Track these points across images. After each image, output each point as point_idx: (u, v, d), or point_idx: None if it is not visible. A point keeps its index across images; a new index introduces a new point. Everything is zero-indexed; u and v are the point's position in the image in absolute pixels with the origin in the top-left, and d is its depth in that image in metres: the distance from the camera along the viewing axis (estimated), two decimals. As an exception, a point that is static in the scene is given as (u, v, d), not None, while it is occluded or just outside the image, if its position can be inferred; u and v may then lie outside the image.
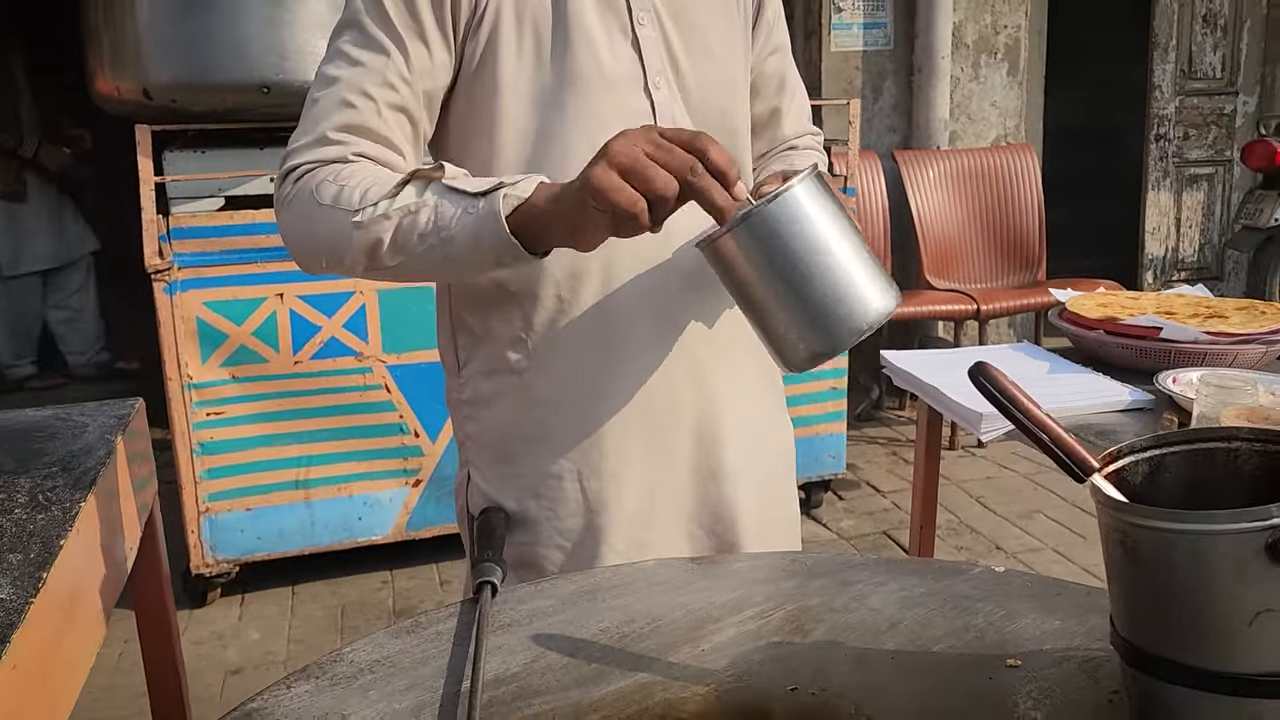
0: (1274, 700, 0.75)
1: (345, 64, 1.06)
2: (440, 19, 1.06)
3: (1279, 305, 1.76)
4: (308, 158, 1.05)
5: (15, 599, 0.95)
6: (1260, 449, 0.84)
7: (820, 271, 0.91)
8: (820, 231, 0.91)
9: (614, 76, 1.09)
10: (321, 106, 1.07)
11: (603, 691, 0.92)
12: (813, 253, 0.91)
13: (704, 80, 1.14)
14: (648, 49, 1.10)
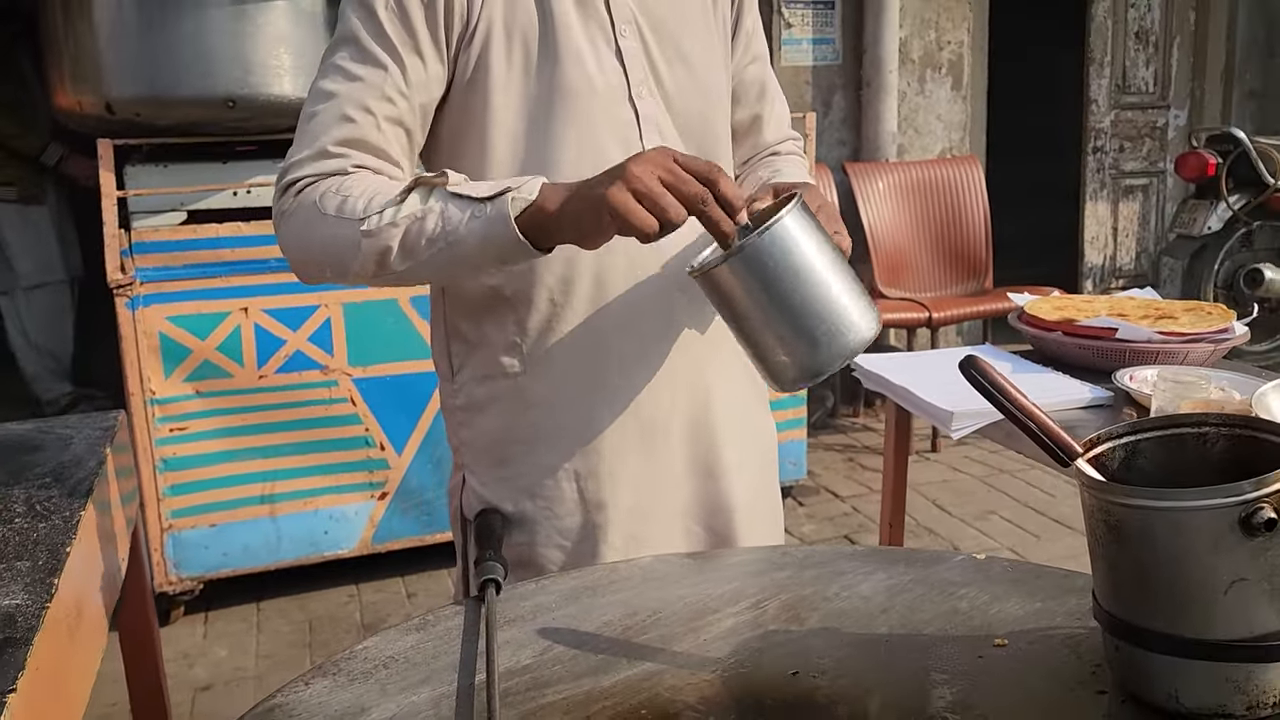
0: (1247, 664, 0.81)
1: (343, 79, 1.09)
2: (434, 33, 1.09)
3: (1224, 307, 1.85)
4: (308, 171, 1.08)
5: (31, 605, 0.96)
6: (1228, 433, 0.91)
7: (809, 298, 0.96)
8: (808, 260, 0.96)
9: (600, 87, 1.13)
10: (320, 121, 1.09)
11: (612, 680, 0.96)
12: (802, 280, 0.96)
13: (685, 89, 1.19)
14: (630, 60, 1.14)
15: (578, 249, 1.08)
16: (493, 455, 1.24)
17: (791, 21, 4.30)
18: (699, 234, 1.16)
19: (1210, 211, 4.46)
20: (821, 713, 0.88)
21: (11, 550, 1.08)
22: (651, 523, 1.24)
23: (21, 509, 1.19)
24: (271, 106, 2.55)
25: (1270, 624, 0.80)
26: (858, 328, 0.98)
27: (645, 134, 1.15)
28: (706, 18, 1.23)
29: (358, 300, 2.69)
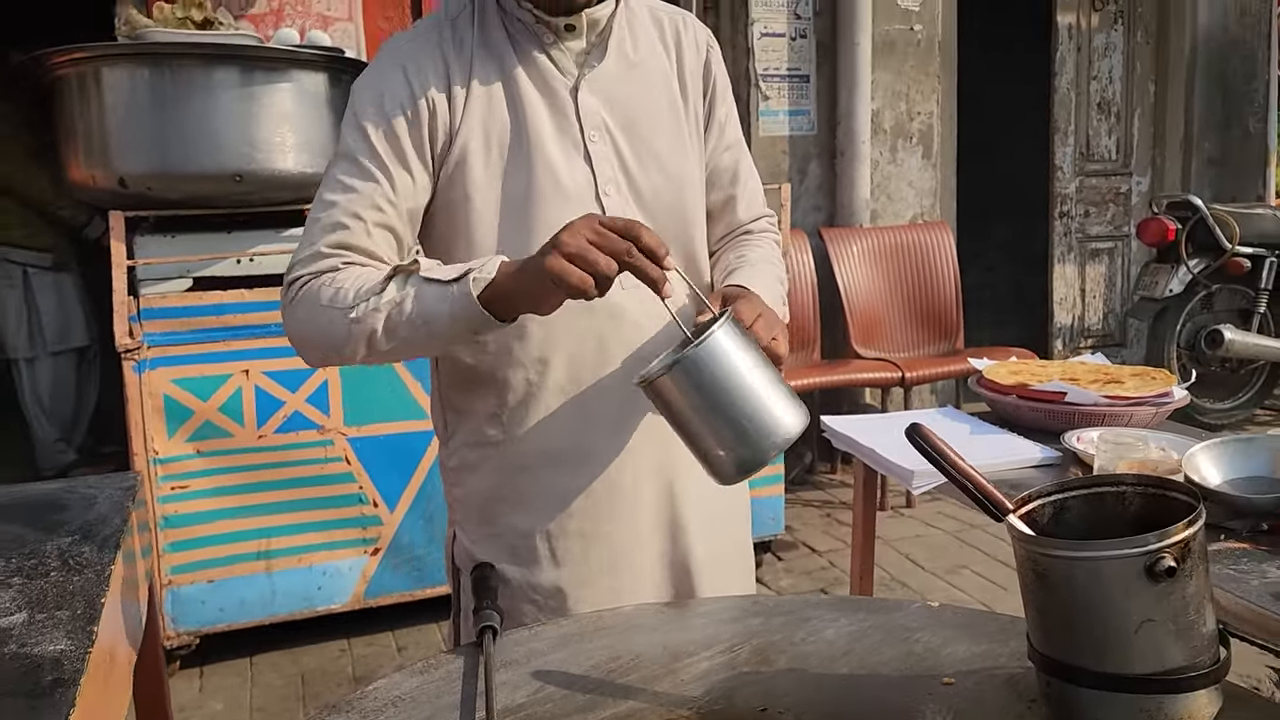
0: (1158, 696, 0.92)
1: (339, 190, 1.22)
2: (419, 149, 1.23)
3: (1168, 372, 1.99)
4: (307, 270, 1.21)
5: (75, 650, 1.06)
6: (1143, 491, 1.03)
7: (739, 402, 1.09)
8: (738, 369, 1.08)
9: (568, 188, 1.25)
10: (319, 226, 1.22)
11: (598, 717, 1.06)
12: (733, 387, 1.08)
13: (656, 185, 1.30)
14: (598, 162, 1.26)
15: (549, 335, 1.25)
16: (481, 514, 1.36)
17: (768, 94, 4.49)
18: (659, 326, 1.30)
19: (1171, 275, 4.63)
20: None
21: (51, 601, 1.18)
22: (620, 577, 1.35)
23: (56, 563, 1.29)
24: (275, 180, 2.69)
25: (1177, 659, 0.92)
26: (784, 425, 1.10)
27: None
28: (677, 115, 1.34)
29: (354, 363, 2.80)
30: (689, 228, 1.35)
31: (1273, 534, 1.39)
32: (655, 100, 1.32)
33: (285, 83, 2.67)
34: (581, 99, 1.26)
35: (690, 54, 1.36)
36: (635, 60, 1.30)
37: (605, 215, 1.10)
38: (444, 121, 1.23)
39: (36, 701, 0.95)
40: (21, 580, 1.24)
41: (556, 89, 1.26)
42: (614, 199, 1.27)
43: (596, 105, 1.27)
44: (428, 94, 1.22)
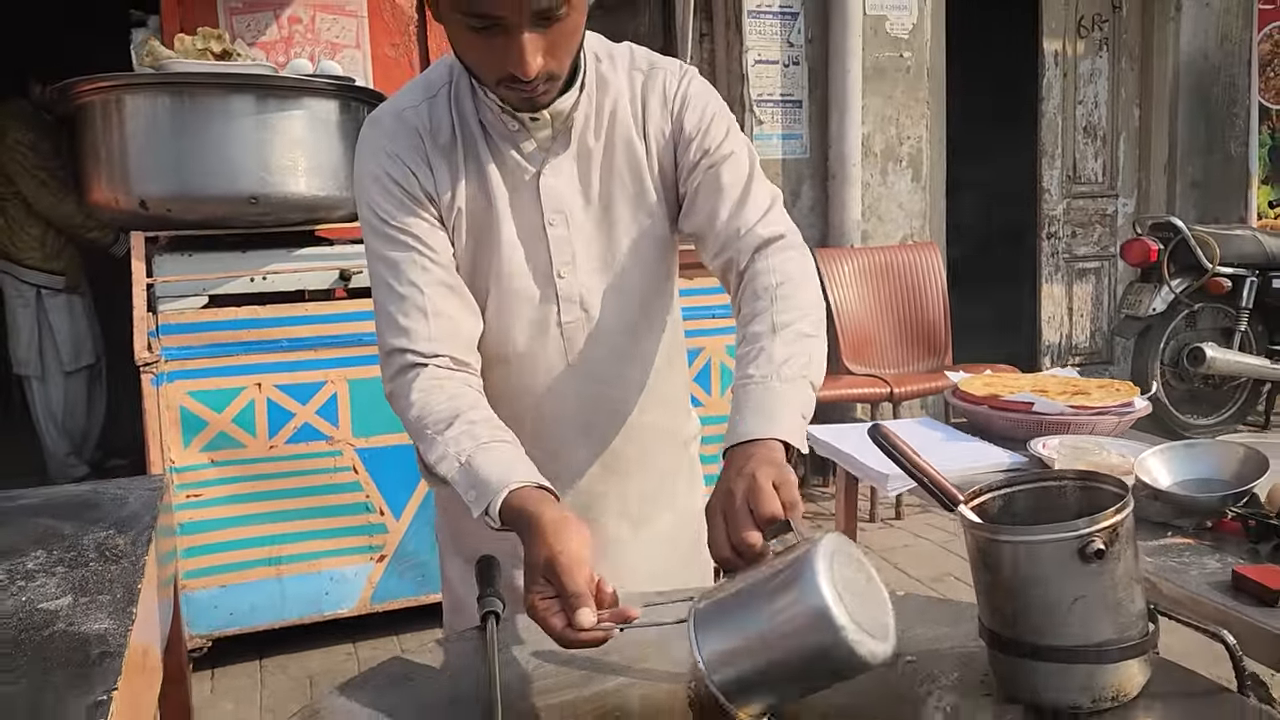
0: (1089, 666, 1.04)
1: (383, 265, 1.33)
2: (425, 208, 1.33)
3: (1131, 384, 2.11)
4: (390, 375, 1.32)
5: (117, 629, 1.17)
6: (1081, 485, 1.15)
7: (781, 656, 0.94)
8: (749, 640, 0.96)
9: (527, 269, 1.36)
10: (382, 311, 1.34)
11: (593, 690, 1.18)
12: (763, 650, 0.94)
13: (613, 254, 1.39)
14: (556, 244, 1.36)
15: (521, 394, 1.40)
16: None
17: (762, 119, 4.63)
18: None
19: (1155, 294, 4.75)
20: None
21: (93, 587, 1.29)
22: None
23: (94, 554, 1.41)
24: (289, 203, 2.83)
25: (1106, 633, 1.03)
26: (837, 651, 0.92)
27: (563, 309, 1.38)
28: (640, 179, 1.38)
29: (362, 377, 2.92)
30: (653, 278, 1.44)
31: (1215, 530, 1.51)
32: (617, 176, 1.38)
33: (298, 110, 2.81)
34: (544, 185, 1.35)
35: (656, 106, 1.38)
36: (597, 145, 1.37)
37: (560, 570, 1.08)
38: (432, 192, 1.34)
39: (87, 671, 1.06)
40: (64, 569, 1.35)
41: (521, 176, 1.35)
42: (568, 279, 1.37)
43: (558, 190, 1.36)
44: (417, 175, 1.33)
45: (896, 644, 0.97)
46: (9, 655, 1.09)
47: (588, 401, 1.43)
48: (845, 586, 0.94)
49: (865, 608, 0.95)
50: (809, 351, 1.24)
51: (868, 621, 0.93)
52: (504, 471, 1.19)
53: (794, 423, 1.18)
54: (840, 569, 0.95)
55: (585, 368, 1.41)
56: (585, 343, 1.40)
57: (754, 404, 1.20)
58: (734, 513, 1.07)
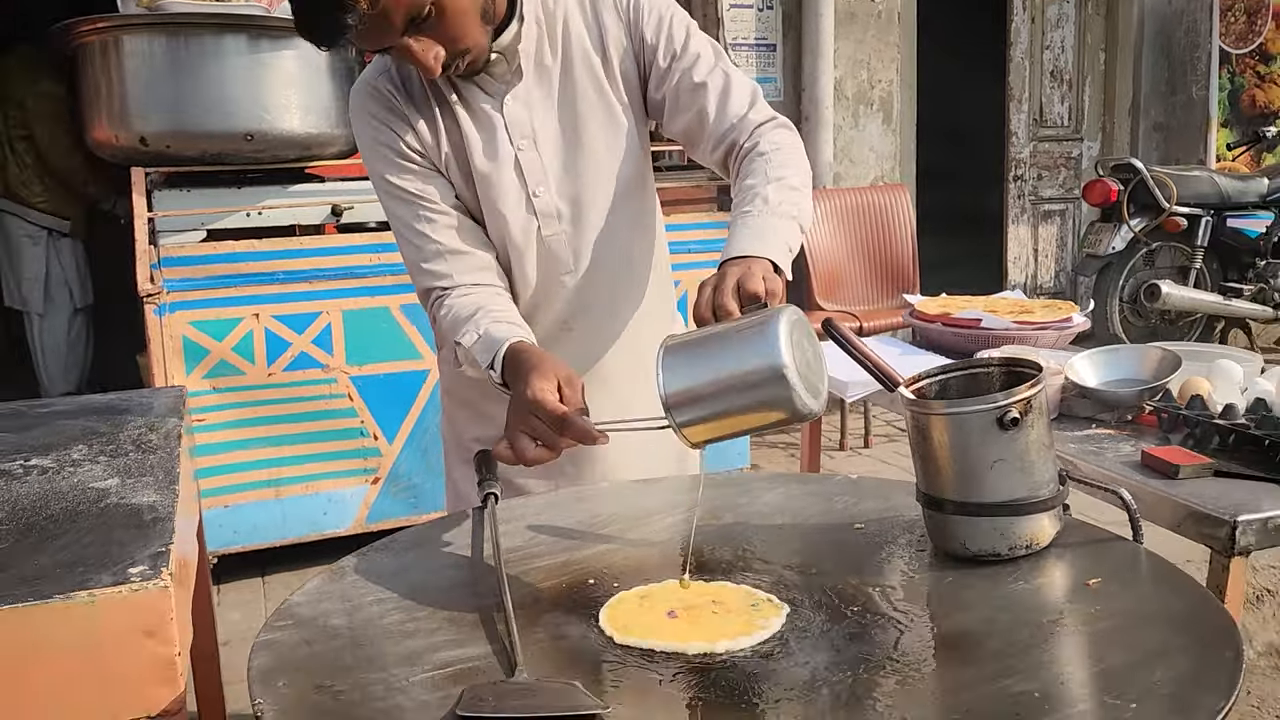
0: (1006, 518, 1.21)
1: (396, 212, 1.50)
2: (413, 157, 1.48)
3: (1073, 303, 2.29)
4: (427, 303, 1.51)
5: (163, 500, 1.33)
6: (1005, 369, 1.32)
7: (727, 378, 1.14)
8: (704, 372, 1.14)
9: (504, 195, 1.49)
10: (406, 255, 1.52)
11: (583, 553, 1.35)
12: (714, 379, 1.14)
13: (588, 168, 1.51)
14: (528, 168, 1.49)
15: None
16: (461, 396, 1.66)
17: (737, 62, 4.75)
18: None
19: (1114, 233, 4.93)
20: (729, 564, 1.27)
21: (135, 471, 1.45)
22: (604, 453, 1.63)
23: (131, 448, 1.56)
24: (283, 140, 2.95)
25: (1020, 491, 1.21)
26: (769, 362, 1.11)
27: (543, 225, 1.52)
28: (602, 91, 1.49)
29: (355, 308, 3.07)
30: (632, 193, 1.57)
31: (1135, 423, 1.70)
32: (580, 91, 1.48)
33: (290, 50, 2.92)
34: (508, 113, 1.48)
35: (610, 20, 1.48)
36: (552, 64, 1.47)
37: (540, 400, 1.24)
38: (416, 145, 1.48)
39: (145, 530, 1.22)
40: (106, 458, 1.51)
41: (486, 109, 1.48)
42: (543, 197, 1.51)
43: (522, 115, 1.48)
44: (399, 133, 1.47)
45: (823, 408, 1.18)
46: (73, 520, 1.25)
47: (577, 311, 1.58)
48: (798, 348, 1.14)
49: (809, 370, 1.15)
50: (798, 200, 1.40)
51: (809, 381, 1.14)
52: (510, 333, 1.38)
53: (781, 248, 1.35)
54: (798, 334, 1.15)
55: (571, 278, 1.56)
56: (568, 254, 1.54)
57: (749, 229, 1.34)
58: (723, 284, 1.23)
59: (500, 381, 1.37)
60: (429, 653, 1.06)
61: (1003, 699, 0.92)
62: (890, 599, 1.15)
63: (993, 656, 1.01)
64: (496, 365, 1.36)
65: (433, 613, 1.16)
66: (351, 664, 1.04)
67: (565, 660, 1.05)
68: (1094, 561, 1.21)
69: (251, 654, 1.06)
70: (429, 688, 0.99)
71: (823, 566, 1.24)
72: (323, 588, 1.24)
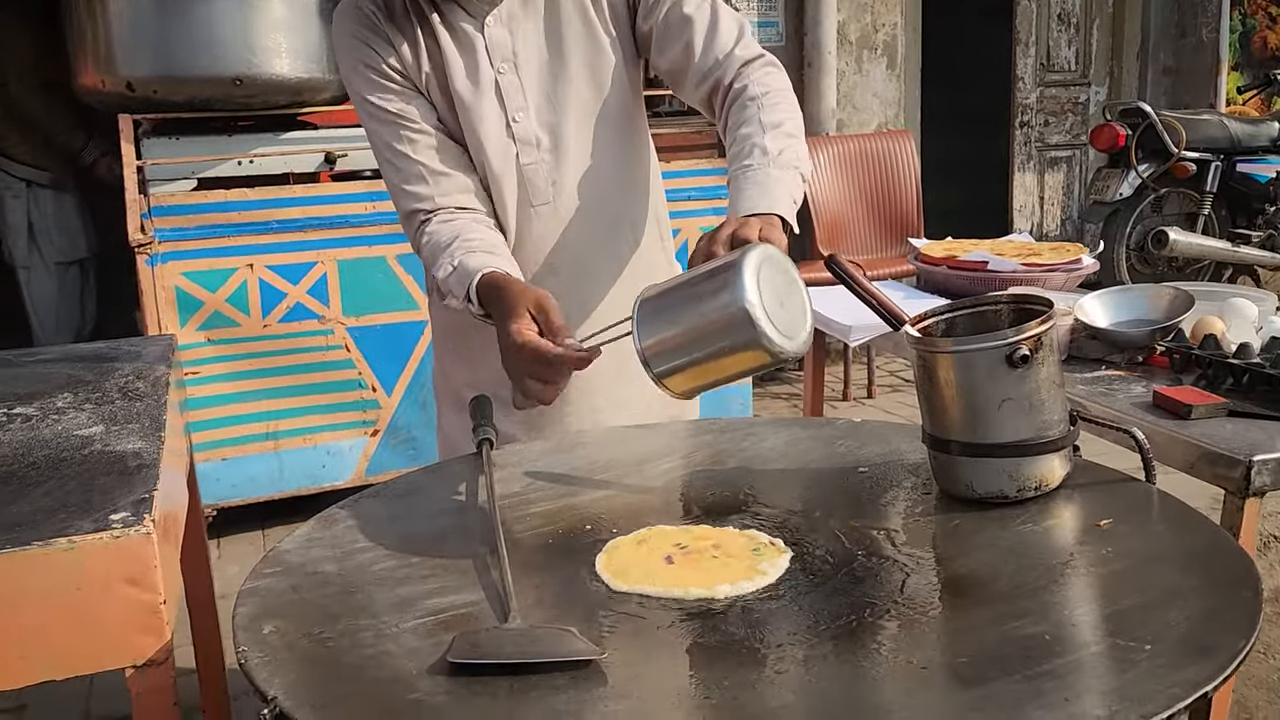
0: (1014, 459, 1.18)
1: (377, 134, 1.47)
2: (394, 79, 1.45)
3: (1080, 245, 2.24)
4: (410, 231, 1.48)
5: (149, 448, 1.30)
6: (1015, 307, 1.28)
7: (697, 320, 1.12)
8: (678, 313, 1.13)
9: (483, 120, 1.45)
10: (389, 180, 1.49)
11: (580, 499, 1.32)
12: (686, 321, 1.12)
13: (570, 96, 1.47)
14: (508, 92, 1.46)
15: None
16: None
17: (738, 7, 4.65)
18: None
19: (1122, 179, 4.86)
20: (731, 508, 1.24)
21: (121, 418, 1.41)
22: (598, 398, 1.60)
23: (118, 395, 1.53)
24: (272, 84, 2.88)
25: (1027, 431, 1.17)
26: (737, 302, 1.08)
27: (521, 153, 1.47)
28: (587, 17, 1.46)
29: (351, 257, 3.02)
30: (619, 130, 1.52)
31: (1145, 364, 1.66)
32: (565, 19, 1.45)
33: (279, -9, 2.85)
34: (489, 35, 1.44)
35: None
36: None
37: (521, 343, 1.23)
38: (399, 67, 1.45)
39: (129, 477, 1.19)
40: (92, 406, 1.47)
41: (467, 30, 1.44)
42: (522, 124, 1.47)
43: (504, 39, 1.45)
44: (381, 54, 1.43)
45: (804, 349, 1.14)
46: (55, 468, 1.22)
47: (559, 250, 1.52)
48: (768, 284, 1.09)
49: (784, 310, 1.11)
50: (797, 148, 1.38)
51: (781, 320, 1.09)
52: (483, 264, 1.35)
53: (788, 204, 1.32)
54: (768, 271, 1.10)
55: (548, 210, 1.51)
56: (546, 184, 1.49)
57: (753, 185, 1.31)
58: (717, 233, 1.20)
59: (481, 313, 1.34)
60: (421, 599, 1.04)
61: (1011, 641, 0.89)
62: (895, 542, 1.12)
63: (1001, 599, 0.98)
64: (473, 298, 1.34)
65: (425, 559, 1.13)
66: (341, 611, 1.02)
67: (560, 606, 1.03)
68: (1105, 503, 1.18)
69: (237, 600, 1.04)
70: (420, 635, 0.96)
71: (826, 510, 1.22)
72: (312, 535, 1.22)
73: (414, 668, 0.90)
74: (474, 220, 1.44)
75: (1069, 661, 0.84)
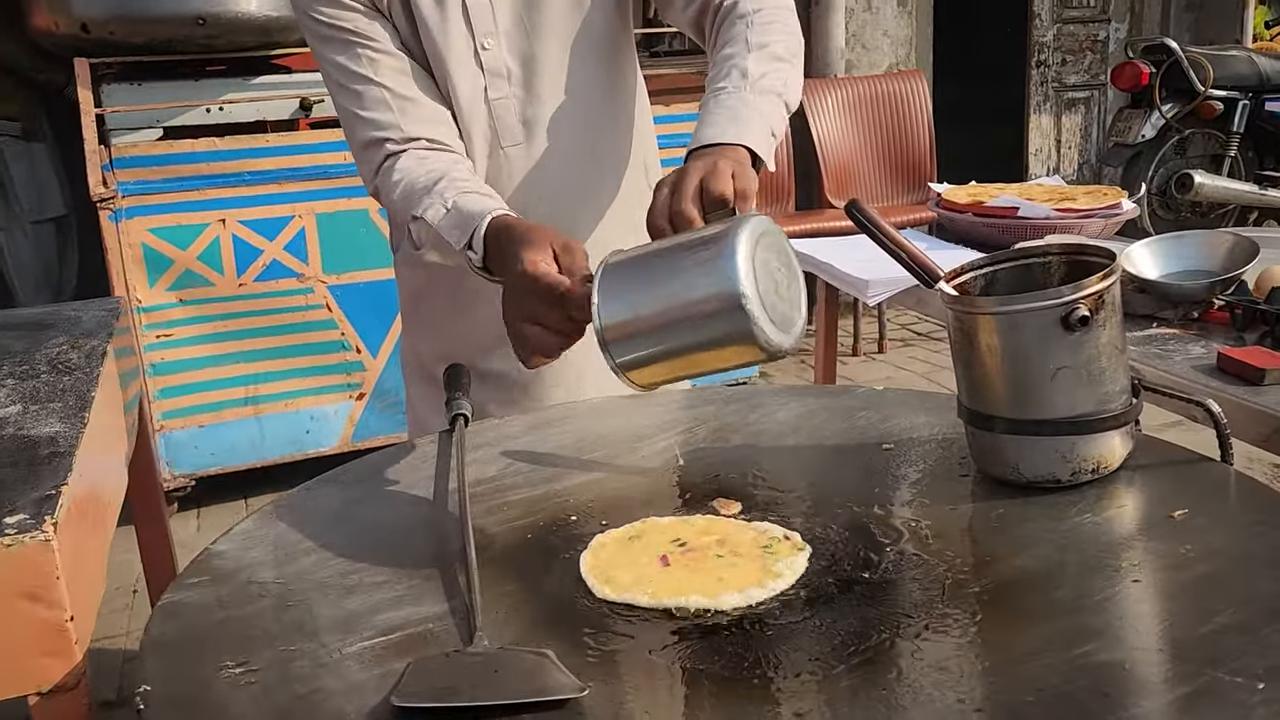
0: (1069, 438, 1.01)
1: (332, 68, 1.28)
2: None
3: (1118, 188, 2.05)
4: (367, 171, 1.28)
5: (69, 431, 1.13)
6: (1067, 259, 1.10)
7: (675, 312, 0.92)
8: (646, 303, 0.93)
9: (449, 46, 1.27)
10: (346, 117, 1.29)
11: (564, 485, 1.15)
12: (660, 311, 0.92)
13: (546, 19, 1.30)
14: (475, 13, 1.27)
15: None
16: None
17: (741, -61, 4.40)
18: None
19: (1145, 120, 4.65)
20: (737, 496, 1.07)
21: (44, 396, 1.25)
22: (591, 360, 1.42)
23: (45, 368, 1.36)
24: (239, 23, 2.68)
25: (1086, 405, 1.00)
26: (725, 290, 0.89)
27: (490, 85, 1.29)
28: None
29: (330, 211, 2.83)
30: (601, 65, 1.35)
31: (1201, 321, 1.48)
32: None
33: (243, -80, 2.64)
34: None
35: None
36: None
37: (537, 274, 1.02)
38: None
39: (37, 469, 1.03)
40: (14, 381, 1.31)
41: None
42: (492, 51, 1.29)
43: None
44: None
45: (797, 344, 0.95)
46: (-46, 457, 1.05)
47: (532, 198, 1.34)
48: (764, 268, 0.91)
49: (778, 296, 0.92)
50: (784, 74, 1.20)
51: (775, 307, 0.91)
52: (487, 206, 1.16)
53: (763, 133, 1.14)
54: (764, 251, 0.92)
55: (520, 152, 1.33)
56: (517, 122, 1.32)
57: (723, 111, 1.14)
58: (682, 185, 1.02)
59: (481, 264, 1.15)
60: (371, 614, 0.88)
61: (1082, 672, 0.73)
62: (929, 536, 0.97)
63: (1061, 611, 0.82)
64: (476, 245, 1.14)
65: (381, 562, 0.98)
66: (274, 632, 0.86)
67: (537, 621, 0.88)
68: (1174, 488, 1.02)
69: (150, 621, 0.87)
70: (366, 662, 0.81)
71: (847, 496, 1.06)
72: (253, 532, 1.05)
73: (353, 710, 0.74)
74: (454, 160, 1.26)
75: (1161, 706, 0.67)
